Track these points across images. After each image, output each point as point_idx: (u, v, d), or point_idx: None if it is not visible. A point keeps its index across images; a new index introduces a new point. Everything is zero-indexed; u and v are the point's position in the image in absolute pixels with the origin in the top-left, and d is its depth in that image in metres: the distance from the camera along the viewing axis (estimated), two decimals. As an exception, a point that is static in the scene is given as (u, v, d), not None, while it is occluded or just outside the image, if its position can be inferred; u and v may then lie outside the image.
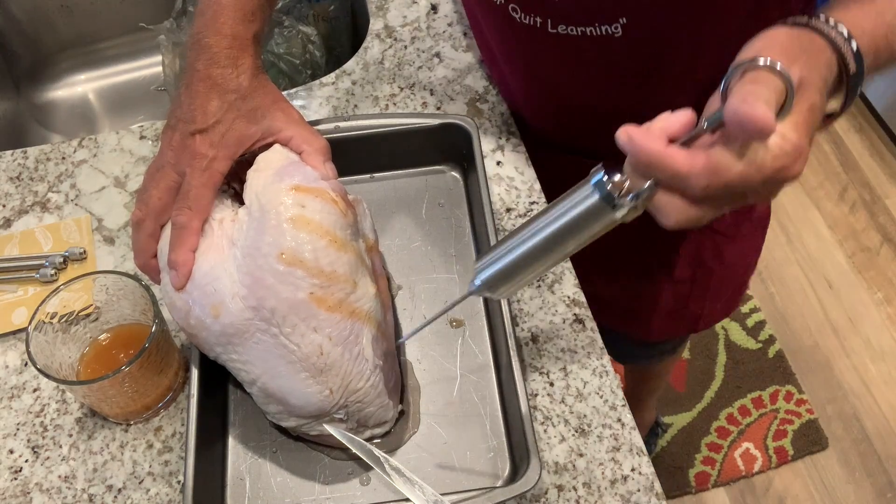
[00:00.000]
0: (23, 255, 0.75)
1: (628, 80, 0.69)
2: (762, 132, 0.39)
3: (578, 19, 0.63)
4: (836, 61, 0.46)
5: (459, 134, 0.73)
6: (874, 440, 1.59)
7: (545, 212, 0.47)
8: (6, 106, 1.08)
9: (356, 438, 0.59)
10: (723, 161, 0.41)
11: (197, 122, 0.58)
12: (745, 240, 0.92)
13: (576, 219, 0.45)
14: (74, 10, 1.09)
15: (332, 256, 0.55)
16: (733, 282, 0.98)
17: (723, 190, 0.42)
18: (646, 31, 0.63)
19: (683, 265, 0.89)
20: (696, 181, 0.41)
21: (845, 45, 0.46)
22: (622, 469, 0.62)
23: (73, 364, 0.64)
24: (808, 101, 0.43)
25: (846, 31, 0.46)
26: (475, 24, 0.83)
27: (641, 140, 0.42)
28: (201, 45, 0.58)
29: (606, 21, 0.62)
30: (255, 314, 0.54)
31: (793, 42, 0.45)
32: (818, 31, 0.46)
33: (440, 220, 0.75)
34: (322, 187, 0.57)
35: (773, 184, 0.43)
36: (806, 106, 0.43)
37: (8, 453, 0.65)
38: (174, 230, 0.57)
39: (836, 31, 0.46)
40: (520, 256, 0.48)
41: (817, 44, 0.46)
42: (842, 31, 0.46)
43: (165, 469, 0.63)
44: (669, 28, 0.63)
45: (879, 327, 1.73)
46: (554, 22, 0.65)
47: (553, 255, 0.48)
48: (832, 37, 0.46)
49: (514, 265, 0.49)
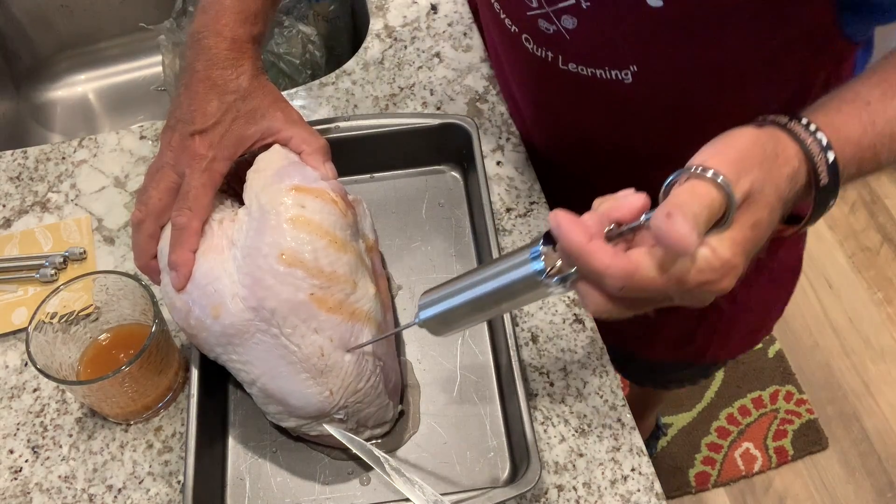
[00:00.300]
0: (23, 255, 0.75)
1: (638, 123, 0.67)
2: (681, 251, 0.38)
3: (589, 61, 0.62)
4: (805, 172, 0.44)
5: (459, 134, 0.73)
6: (874, 440, 1.59)
7: (489, 265, 0.47)
8: (6, 106, 1.08)
9: (356, 438, 0.59)
10: (641, 268, 0.40)
11: (196, 122, 0.58)
12: (764, 288, 0.88)
13: (510, 283, 0.46)
14: (74, 10, 1.09)
15: (333, 257, 0.55)
16: (747, 325, 0.95)
17: (638, 294, 0.41)
18: (657, 80, 0.62)
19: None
20: (612, 282, 0.40)
21: (819, 156, 0.43)
22: (622, 469, 0.62)
23: (73, 364, 0.64)
24: (753, 217, 0.41)
25: (825, 140, 0.44)
26: (490, 39, 0.82)
27: (566, 230, 0.40)
28: (201, 46, 0.58)
29: (617, 67, 0.61)
30: (256, 315, 0.54)
31: (753, 149, 0.42)
32: (793, 136, 0.44)
33: (440, 220, 0.75)
34: (322, 187, 0.57)
35: (698, 294, 0.41)
36: (749, 222, 0.41)
37: (8, 453, 0.65)
38: (174, 231, 0.57)
39: (812, 139, 0.44)
40: (457, 306, 0.48)
41: (786, 152, 0.43)
42: (819, 139, 0.44)
43: (165, 469, 0.63)
44: (681, 79, 0.61)
45: (879, 327, 1.73)
46: (565, 59, 0.64)
47: (489, 311, 0.49)
48: (807, 144, 0.44)
49: (451, 313, 0.49)
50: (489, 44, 0.83)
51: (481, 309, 0.48)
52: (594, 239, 0.40)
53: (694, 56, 0.59)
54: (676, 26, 0.56)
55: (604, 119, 0.69)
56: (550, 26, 0.62)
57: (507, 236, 0.74)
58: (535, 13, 0.62)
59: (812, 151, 0.43)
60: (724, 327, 0.92)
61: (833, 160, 0.43)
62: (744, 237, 0.40)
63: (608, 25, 0.58)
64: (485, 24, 0.81)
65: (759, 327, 0.98)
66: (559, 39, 0.62)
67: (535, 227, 0.74)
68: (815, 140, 0.43)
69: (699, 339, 0.94)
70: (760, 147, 0.42)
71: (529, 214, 0.75)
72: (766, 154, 0.42)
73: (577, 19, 0.59)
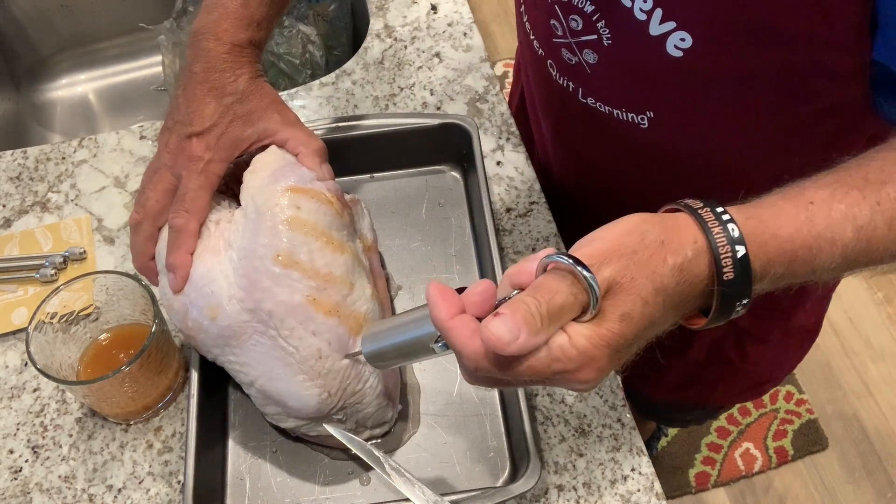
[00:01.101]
0: (23, 255, 0.75)
1: (652, 169, 0.66)
2: (499, 350, 0.37)
3: (608, 99, 0.62)
4: (705, 263, 0.40)
5: (459, 134, 0.73)
6: (874, 440, 1.59)
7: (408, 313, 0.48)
8: (6, 106, 1.08)
9: (356, 438, 0.59)
10: (492, 354, 0.39)
11: (193, 124, 0.58)
12: (778, 345, 0.86)
13: (408, 340, 0.47)
14: (74, 10, 1.09)
15: (329, 258, 0.55)
16: (756, 377, 0.93)
17: (493, 378, 0.41)
18: (673, 130, 0.61)
19: (700, 347, 0.85)
20: (467, 362, 0.40)
21: (725, 247, 0.39)
22: (622, 469, 0.62)
23: (73, 364, 0.64)
24: (620, 309, 0.38)
25: (736, 233, 0.39)
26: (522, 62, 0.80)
27: (432, 304, 0.40)
28: (200, 48, 0.58)
29: (633, 110, 0.61)
30: (252, 316, 0.54)
31: (626, 238, 0.39)
32: (700, 224, 0.40)
33: (440, 220, 0.75)
34: (317, 188, 0.56)
35: (558, 382, 0.40)
36: (616, 314, 0.38)
37: (8, 453, 0.65)
38: (171, 233, 0.57)
39: (721, 229, 0.40)
40: (382, 349, 0.50)
41: (677, 241, 0.40)
42: (730, 230, 0.39)
43: (165, 469, 0.63)
44: (698, 133, 0.60)
45: (879, 327, 1.73)
46: (585, 92, 0.63)
47: (407, 359, 0.50)
48: (713, 234, 0.40)
49: (379, 354, 0.50)
50: (521, 64, 0.82)
51: (400, 357, 0.49)
52: (458, 316, 0.40)
53: (712, 113, 0.58)
54: (695, 80, 0.55)
55: (619, 159, 0.68)
56: (573, 57, 0.61)
57: (507, 236, 0.74)
58: (560, 41, 0.61)
59: (717, 242, 0.39)
60: (730, 377, 0.90)
61: (743, 255, 0.39)
62: (608, 330, 0.38)
63: (627, 67, 0.57)
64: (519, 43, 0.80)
65: (768, 380, 0.95)
66: (580, 71, 0.61)
67: (535, 227, 0.74)
68: (725, 231, 0.40)
69: (704, 384, 0.92)
70: (638, 236, 0.39)
71: (529, 214, 0.75)
72: (645, 243, 0.39)
73: (597, 55, 0.59)
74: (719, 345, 0.85)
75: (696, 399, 1.01)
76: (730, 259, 0.39)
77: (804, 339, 0.90)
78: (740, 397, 0.98)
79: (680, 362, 0.88)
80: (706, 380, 0.92)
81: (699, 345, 0.85)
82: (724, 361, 0.86)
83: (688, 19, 0.51)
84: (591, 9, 0.56)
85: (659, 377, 0.94)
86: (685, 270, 0.39)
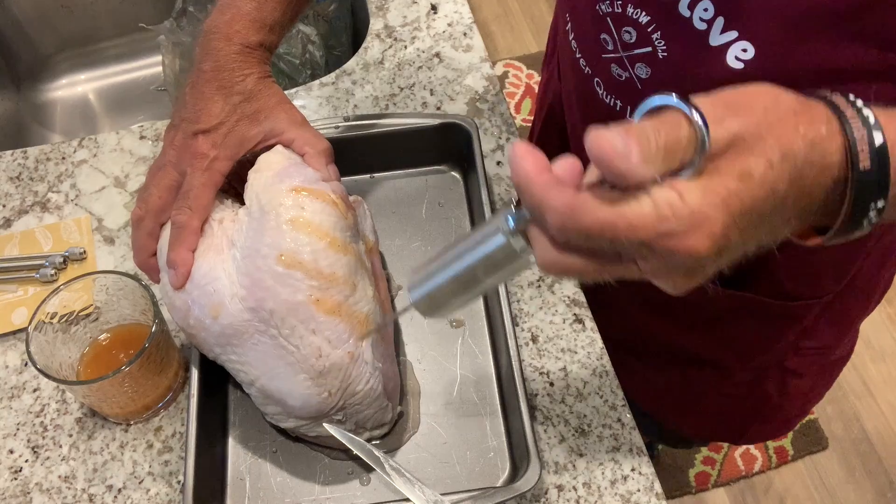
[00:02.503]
0: (23, 255, 0.75)
1: None
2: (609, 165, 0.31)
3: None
4: (838, 148, 0.35)
5: (459, 134, 0.73)
6: (874, 440, 1.59)
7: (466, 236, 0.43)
8: (6, 106, 1.08)
9: (356, 438, 0.59)
10: (587, 202, 0.33)
11: (200, 122, 0.58)
12: (816, 377, 0.85)
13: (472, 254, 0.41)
14: (74, 10, 1.09)
15: (332, 258, 0.55)
16: (790, 412, 0.90)
17: (581, 237, 0.34)
18: None
19: (740, 381, 0.83)
20: (552, 217, 0.34)
21: (861, 133, 0.35)
22: (622, 469, 0.62)
23: (73, 364, 0.64)
24: (742, 166, 0.33)
25: (872, 118, 0.35)
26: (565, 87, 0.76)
27: (519, 158, 0.35)
28: (210, 47, 0.58)
29: None
30: (254, 315, 0.54)
31: (759, 97, 0.35)
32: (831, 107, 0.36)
33: (440, 220, 0.75)
34: (322, 189, 0.56)
35: (659, 253, 0.33)
36: (735, 170, 0.33)
37: (8, 453, 0.65)
38: (173, 229, 0.57)
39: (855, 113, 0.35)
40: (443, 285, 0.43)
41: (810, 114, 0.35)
42: (865, 116, 0.35)
43: (165, 469, 0.63)
44: None
45: (879, 327, 1.73)
46: (633, 110, 0.60)
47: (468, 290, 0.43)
48: (846, 116, 0.35)
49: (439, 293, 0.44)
50: (564, 91, 0.78)
51: (466, 285, 0.43)
52: (546, 172, 0.35)
53: None
54: None
55: None
56: (623, 72, 0.59)
57: (507, 236, 0.74)
58: (610, 56, 0.59)
59: (851, 126, 0.35)
60: (768, 413, 0.88)
61: (881, 144, 0.35)
62: (725, 188, 0.33)
63: (682, 81, 0.54)
64: (563, 68, 0.76)
65: (799, 413, 0.93)
66: (630, 88, 0.59)
67: (535, 227, 0.74)
68: (859, 115, 0.35)
69: (738, 420, 0.89)
70: (772, 98, 0.35)
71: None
72: (779, 106, 0.35)
73: (650, 69, 0.57)
74: (760, 381, 0.82)
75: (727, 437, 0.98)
76: (866, 146, 0.35)
77: (836, 370, 0.87)
78: (772, 434, 0.94)
79: (715, 393, 0.86)
80: (742, 415, 0.89)
81: (740, 377, 0.83)
82: (763, 397, 0.84)
83: (753, 29, 0.48)
84: (646, 19, 0.54)
85: (693, 406, 0.91)
86: (817, 147, 0.35)
